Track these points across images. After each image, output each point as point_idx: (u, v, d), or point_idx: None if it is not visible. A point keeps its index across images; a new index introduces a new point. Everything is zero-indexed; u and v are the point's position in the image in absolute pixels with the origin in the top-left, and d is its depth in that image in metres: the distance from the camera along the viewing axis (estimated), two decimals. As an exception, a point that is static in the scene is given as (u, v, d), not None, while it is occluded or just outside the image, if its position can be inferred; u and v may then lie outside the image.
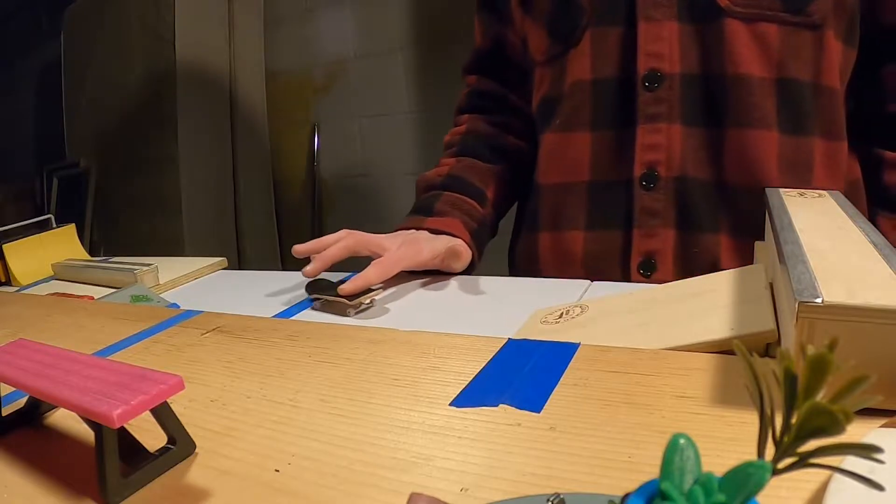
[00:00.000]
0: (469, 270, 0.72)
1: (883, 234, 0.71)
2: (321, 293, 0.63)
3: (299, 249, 0.68)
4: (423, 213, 0.74)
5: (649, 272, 0.67)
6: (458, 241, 0.69)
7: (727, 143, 0.63)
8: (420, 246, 0.67)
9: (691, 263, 0.66)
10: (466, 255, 0.70)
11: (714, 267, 0.65)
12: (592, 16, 0.68)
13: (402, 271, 0.67)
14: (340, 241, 0.67)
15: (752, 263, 0.61)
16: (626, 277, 0.67)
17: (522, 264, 0.78)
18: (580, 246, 0.70)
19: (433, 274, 0.71)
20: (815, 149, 0.64)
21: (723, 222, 0.65)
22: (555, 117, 0.72)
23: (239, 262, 2.39)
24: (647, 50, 0.64)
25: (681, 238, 0.66)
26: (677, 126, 0.64)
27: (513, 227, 0.83)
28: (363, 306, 0.60)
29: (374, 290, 0.61)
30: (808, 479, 0.25)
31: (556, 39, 0.71)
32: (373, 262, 0.64)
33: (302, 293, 0.69)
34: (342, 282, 0.62)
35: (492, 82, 0.85)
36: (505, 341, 0.44)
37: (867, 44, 0.66)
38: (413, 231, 0.72)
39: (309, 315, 0.62)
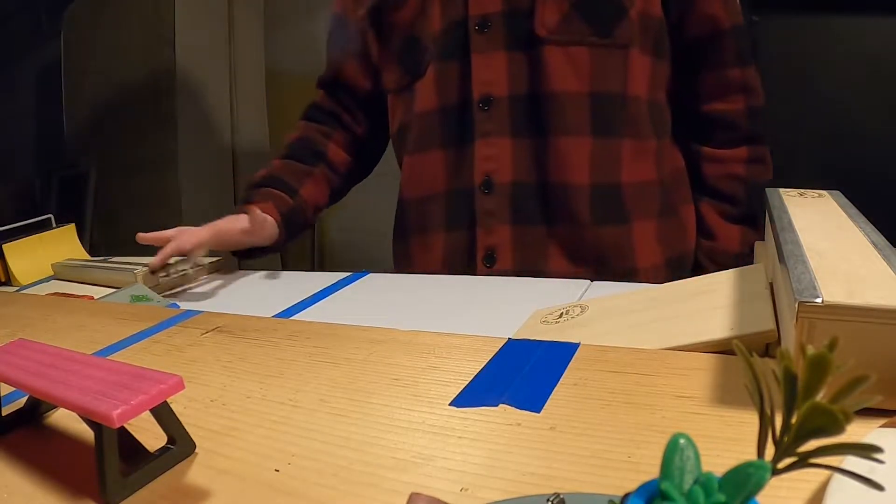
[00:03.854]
0: (279, 248, 0.87)
1: (703, 216, 0.83)
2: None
3: (144, 238, 0.82)
4: (241, 203, 0.88)
5: (491, 264, 0.78)
6: (259, 212, 0.82)
7: (548, 149, 0.75)
8: (220, 222, 0.82)
9: (525, 255, 0.77)
10: (267, 223, 0.83)
11: (544, 256, 0.77)
12: (435, 51, 0.80)
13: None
14: (164, 249, 0.80)
15: (578, 253, 0.76)
16: (474, 269, 0.79)
17: (401, 262, 0.91)
18: (441, 245, 0.83)
19: (433, 275, 0.71)
20: (623, 148, 0.77)
21: (548, 216, 0.77)
22: (409, 143, 0.84)
23: (239, 262, 2.39)
24: (480, 78, 0.76)
25: (515, 233, 0.77)
26: (507, 139, 0.76)
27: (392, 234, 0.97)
28: (161, 276, 0.79)
29: (173, 263, 0.78)
30: (808, 479, 0.25)
31: (405, 72, 0.84)
32: (168, 244, 0.79)
33: (301, 293, 0.69)
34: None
35: (330, 100, 0.99)
36: (505, 341, 0.44)
37: (681, 55, 0.80)
38: (229, 216, 0.86)
39: (309, 315, 0.62)
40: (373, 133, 0.97)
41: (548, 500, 0.24)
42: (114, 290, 0.79)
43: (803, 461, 0.16)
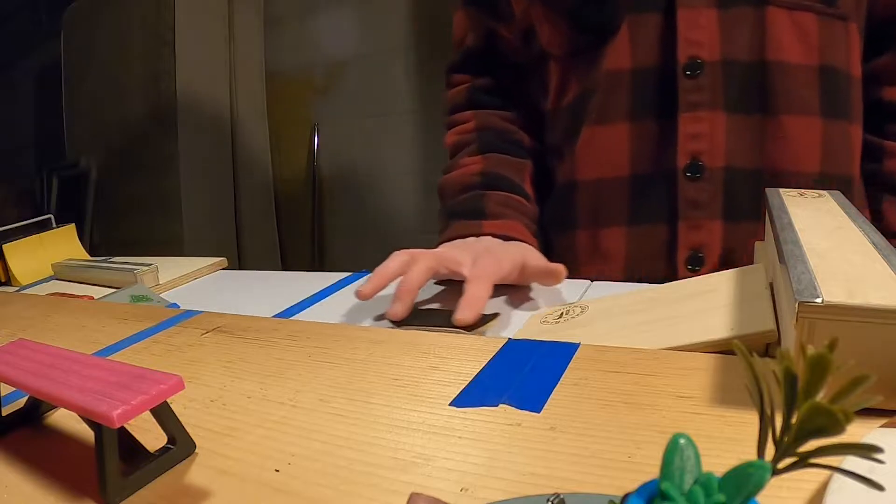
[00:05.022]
0: None
1: (886, 216, 0.72)
2: (424, 323, 0.52)
3: (365, 293, 0.55)
4: (474, 216, 0.67)
5: (697, 266, 0.65)
6: (529, 248, 0.63)
7: (771, 129, 0.63)
8: (498, 256, 0.59)
9: (733, 256, 0.64)
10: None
11: (750, 259, 0.62)
12: (629, 3, 0.65)
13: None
14: (419, 265, 0.55)
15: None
16: (672, 273, 0.66)
17: (560, 261, 0.70)
18: (622, 243, 0.68)
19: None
20: (850, 134, 0.66)
21: (760, 210, 0.61)
22: (589, 111, 0.69)
23: (239, 262, 2.39)
24: (687, 37, 0.63)
25: (727, 229, 0.64)
26: (720, 114, 0.63)
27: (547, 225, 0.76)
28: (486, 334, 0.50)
29: (488, 313, 0.52)
30: (808, 479, 0.25)
31: (584, 32, 0.68)
32: (471, 280, 0.54)
33: (301, 293, 0.69)
34: (431, 310, 0.54)
35: (488, 79, 0.82)
36: (505, 341, 0.44)
37: (867, 35, 0.69)
38: (473, 239, 0.64)
39: (309, 315, 0.62)
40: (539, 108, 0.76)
41: (548, 500, 0.24)
42: (114, 290, 0.79)
43: (803, 461, 0.16)
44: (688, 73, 0.63)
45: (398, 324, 0.53)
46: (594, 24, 0.67)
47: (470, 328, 0.49)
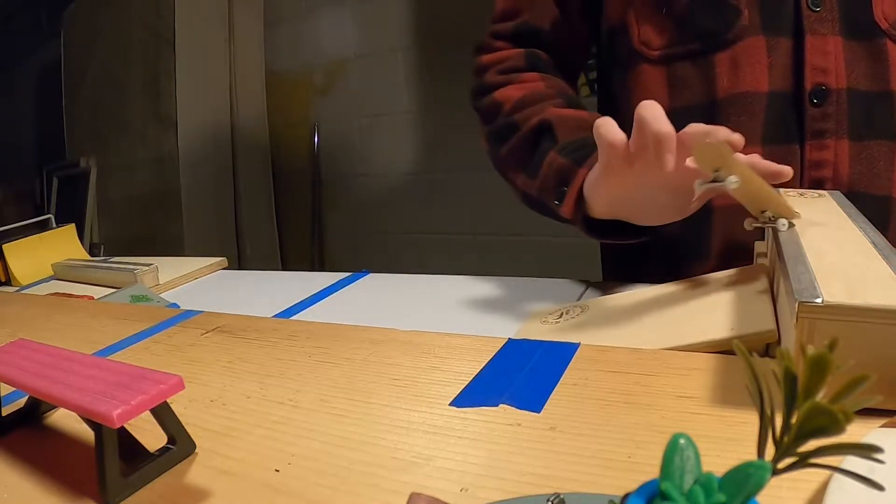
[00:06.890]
0: None
1: None
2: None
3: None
4: None
5: None
6: None
7: (895, 158, 0.62)
8: None
9: None
10: None
11: None
12: (759, 22, 0.63)
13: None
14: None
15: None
16: None
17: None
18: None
19: (431, 274, 0.71)
20: None
21: (892, 236, 0.61)
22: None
23: (239, 262, 2.39)
24: (814, 64, 0.62)
25: None
26: (844, 142, 0.62)
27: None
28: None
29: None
30: (808, 479, 0.25)
31: (694, 37, 0.66)
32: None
33: (301, 293, 0.69)
34: None
35: (548, 56, 0.75)
36: (505, 341, 0.44)
37: None
38: None
39: (309, 315, 0.62)
40: None
41: (548, 500, 0.24)
42: (114, 290, 0.79)
43: (803, 461, 0.16)
44: (814, 100, 0.62)
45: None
46: (710, 31, 0.65)
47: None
